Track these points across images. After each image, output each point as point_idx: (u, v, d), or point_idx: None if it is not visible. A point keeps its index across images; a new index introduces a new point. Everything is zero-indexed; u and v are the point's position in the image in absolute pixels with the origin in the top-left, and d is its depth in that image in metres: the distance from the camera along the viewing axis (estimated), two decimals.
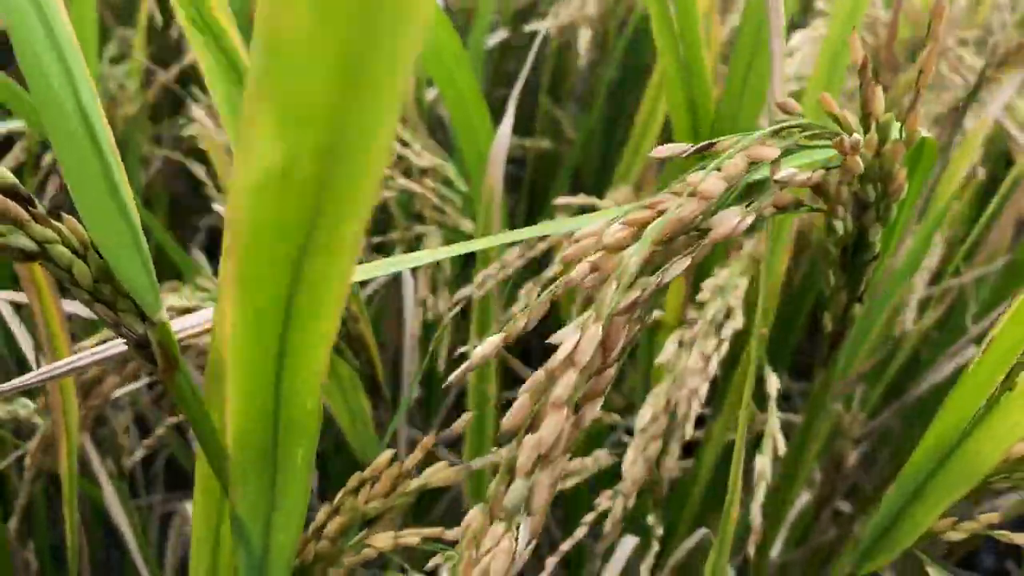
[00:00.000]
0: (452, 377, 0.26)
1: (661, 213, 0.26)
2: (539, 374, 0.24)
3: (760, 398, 0.47)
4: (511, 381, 0.69)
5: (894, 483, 0.38)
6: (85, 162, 0.28)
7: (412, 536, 0.43)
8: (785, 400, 0.82)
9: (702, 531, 0.49)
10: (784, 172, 0.27)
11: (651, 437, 0.40)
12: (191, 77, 0.85)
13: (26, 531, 0.64)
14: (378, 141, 0.21)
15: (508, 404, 0.65)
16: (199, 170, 0.77)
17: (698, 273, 0.49)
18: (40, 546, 0.56)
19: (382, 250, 0.73)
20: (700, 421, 0.70)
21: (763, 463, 0.43)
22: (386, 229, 0.73)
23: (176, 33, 0.85)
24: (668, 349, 0.41)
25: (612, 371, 0.26)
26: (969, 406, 0.35)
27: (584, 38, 0.79)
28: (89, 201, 0.29)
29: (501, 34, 0.92)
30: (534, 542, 0.24)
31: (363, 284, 0.64)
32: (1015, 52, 0.53)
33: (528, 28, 0.89)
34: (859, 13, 0.45)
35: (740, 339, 0.47)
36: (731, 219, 0.27)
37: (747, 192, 0.30)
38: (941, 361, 0.69)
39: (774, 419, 0.44)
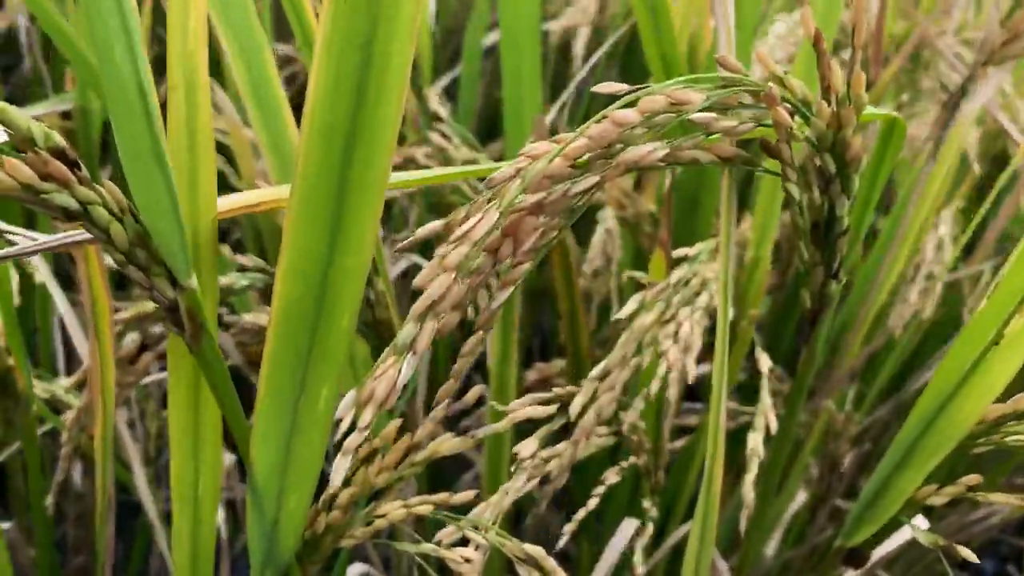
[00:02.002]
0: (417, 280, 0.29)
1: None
2: (444, 247, 0.29)
3: (754, 392, 0.49)
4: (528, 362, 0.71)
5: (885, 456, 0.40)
6: (138, 130, 0.31)
7: (423, 506, 0.44)
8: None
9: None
10: (702, 115, 0.30)
11: (606, 388, 0.42)
12: None
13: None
14: (397, 61, 0.30)
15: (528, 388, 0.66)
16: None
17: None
18: (43, 542, 0.59)
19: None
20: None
21: (755, 440, 0.45)
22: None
23: None
24: (628, 306, 0.44)
25: (527, 265, 0.30)
26: (959, 367, 0.37)
27: (582, 37, 0.82)
28: (137, 166, 0.32)
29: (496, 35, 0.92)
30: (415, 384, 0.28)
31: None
32: (1000, 48, 0.55)
33: None
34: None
35: (733, 329, 0.49)
36: (643, 148, 0.30)
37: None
38: (938, 358, 0.71)
39: (766, 396, 0.46)
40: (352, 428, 0.29)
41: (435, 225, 0.30)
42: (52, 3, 0.65)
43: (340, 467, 0.29)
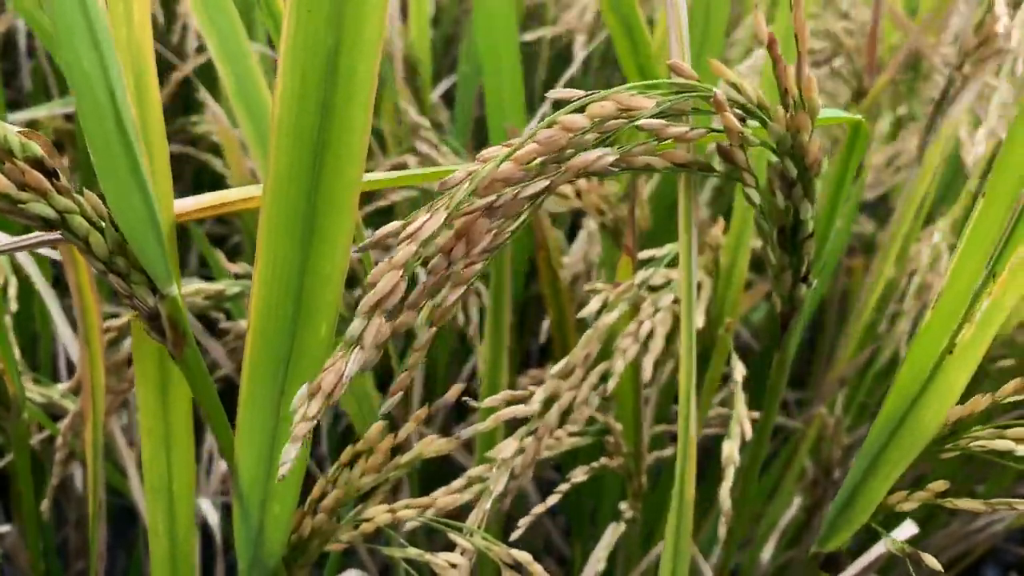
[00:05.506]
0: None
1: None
2: (398, 250, 0.29)
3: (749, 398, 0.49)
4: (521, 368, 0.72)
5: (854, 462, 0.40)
6: (110, 138, 0.32)
7: (408, 510, 0.44)
8: (783, 408, 0.83)
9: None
10: (650, 121, 0.30)
11: (567, 388, 0.42)
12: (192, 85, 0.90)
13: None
14: (363, 70, 0.31)
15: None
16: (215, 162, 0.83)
17: None
18: (36, 546, 0.59)
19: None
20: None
21: (730, 447, 0.46)
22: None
23: (176, 37, 0.89)
24: (590, 306, 0.44)
25: (479, 266, 0.31)
26: (918, 376, 0.37)
27: (579, 42, 0.83)
28: (111, 174, 0.32)
29: None
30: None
31: None
32: (973, 51, 0.56)
33: (527, 37, 0.91)
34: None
35: (712, 335, 0.50)
36: (592, 154, 0.30)
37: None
38: None
39: (740, 404, 0.46)
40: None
41: (393, 226, 0.31)
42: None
43: (290, 451, 0.29)
